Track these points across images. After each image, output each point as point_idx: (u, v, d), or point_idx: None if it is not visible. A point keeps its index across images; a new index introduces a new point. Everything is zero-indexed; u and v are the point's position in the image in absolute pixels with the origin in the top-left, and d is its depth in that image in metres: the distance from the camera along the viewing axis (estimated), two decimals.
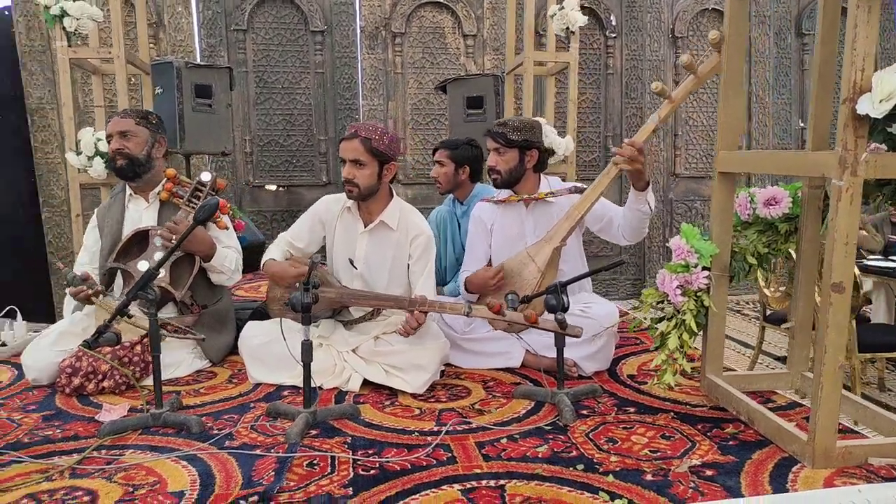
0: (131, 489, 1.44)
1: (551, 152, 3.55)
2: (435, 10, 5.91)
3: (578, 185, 2.45)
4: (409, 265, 2.30)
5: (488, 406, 1.96)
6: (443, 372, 2.26)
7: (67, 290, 2.17)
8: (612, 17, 6.10)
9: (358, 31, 5.75)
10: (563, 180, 3.09)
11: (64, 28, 3.30)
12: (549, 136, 3.50)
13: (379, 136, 2.18)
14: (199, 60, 5.44)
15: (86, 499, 1.40)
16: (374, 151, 2.18)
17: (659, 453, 1.59)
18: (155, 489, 1.44)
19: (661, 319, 1.87)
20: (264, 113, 5.78)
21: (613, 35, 6.14)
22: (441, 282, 3.08)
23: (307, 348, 1.76)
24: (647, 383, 2.11)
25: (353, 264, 2.29)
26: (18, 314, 2.66)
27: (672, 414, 1.86)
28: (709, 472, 1.48)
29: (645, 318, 1.91)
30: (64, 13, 3.24)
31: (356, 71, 5.83)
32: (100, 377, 2.06)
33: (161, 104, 3.96)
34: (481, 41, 5.95)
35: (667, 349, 1.78)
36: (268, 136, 5.82)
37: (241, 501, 1.37)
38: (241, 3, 5.59)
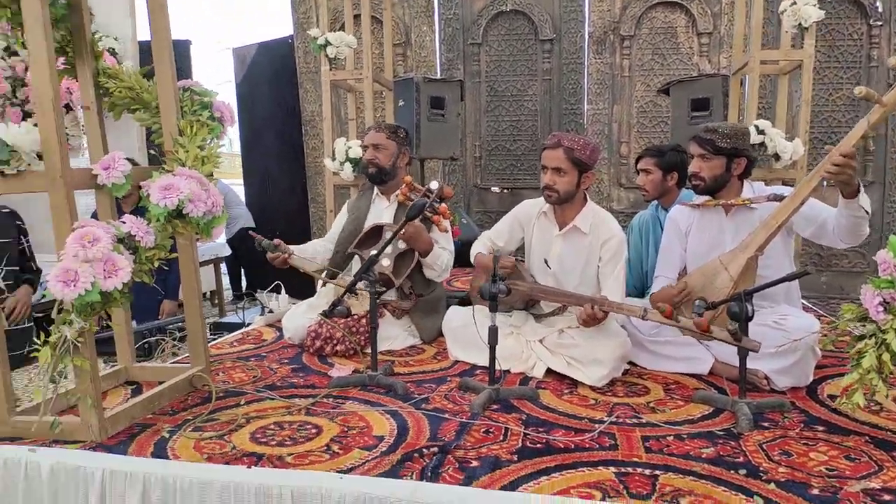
0: (346, 429, 1.81)
1: (776, 157, 3.33)
2: (667, 9, 5.78)
3: (778, 191, 2.33)
4: (598, 267, 2.41)
5: (664, 406, 2.01)
6: (626, 371, 2.34)
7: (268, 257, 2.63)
8: (877, 3, 5.38)
9: (586, 36, 5.86)
10: (789, 186, 2.90)
11: (327, 55, 3.97)
12: (775, 140, 3.29)
13: (581, 147, 2.33)
14: (438, 74, 6.04)
15: (313, 431, 1.79)
16: (575, 161, 2.33)
17: (835, 472, 1.52)
18: (363, 431, 1.79)
19: (861, 338, 1.75)
20: (493, 119, 6.19)
21: (879, 23, 5.40)
22: (642, 287, 3.10)
23: (493, 333, 1.99)
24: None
25: (547, 264, 2.48)
26: (283, 288, 3.32)
27: (867, 438, 1.73)
28: (886, 497, 1.39)
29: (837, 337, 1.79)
30: (327, 42, 3.91)
31: (582, 76, 5.95)
32: (334, 342, 2.53)
33: (402, 115, 4.53)
34: (717, 39, 5.67)
35: (860, 368, 1.67)
36: (496, 142, 6.21)
37: (425, 450, 1.65)
38: (477, 19, 6.05)
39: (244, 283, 6.78)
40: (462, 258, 2.92)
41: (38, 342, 1.63)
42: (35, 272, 3.20)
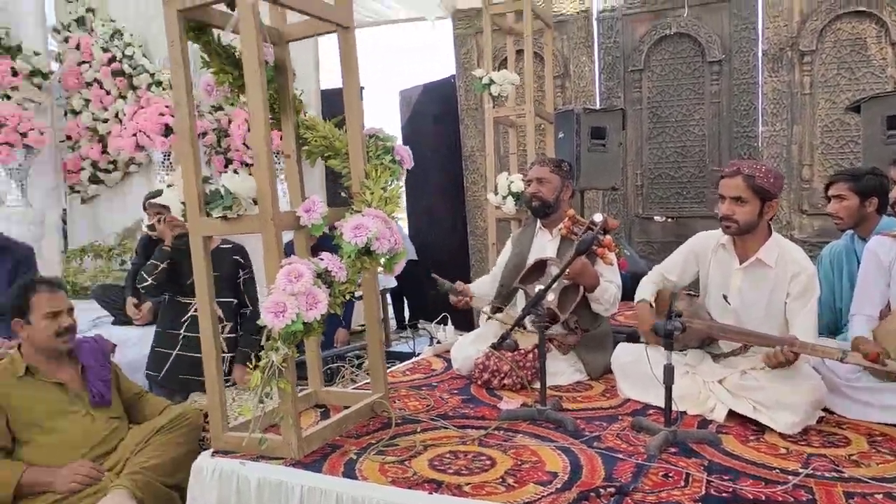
0: (519, 462, 1.83)
1: None
2: (854, 19, 5.29)
3: None
4: (786, 303, 2.24)
5: (868, 459, 1.81)
6: (821, 418, 2.13)
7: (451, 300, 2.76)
8: None
9: (759, 55, 5.53)
10: None
11: (490, 93, 4.11)
12: None
13: (763, 174, 2.20)
14: (598, 104, 6.00)
15: (488, 462, 1.84)
16: (757, 189, 2.20)
17: None
18: (536, 466, 1.80)
19: None
20: (656, 147, 6.00)
21: None
22: (836, 326, 2.83)
23: (669, 372, 1.92)
24: None
25: (726, 300, 2.34)
26: (449, 319, 3.45)
27: None
28: None
29: None
30: (491, 81, 4.05)
31: (755, 97, 5.60)
32: (501, 375, 2.58)
33: (562, 147, 4.55)
34: None
35: None
36: (658, 169, 6.01)
37: (601, 490, 1.62)
38: (639, 45, 5.95)
39: (407, 314, 7.10)
40: (629, 292, 2.85)
41: (250, 366, 1.85)
42: (249, 308, 3.33)
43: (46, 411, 2.29)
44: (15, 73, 5.26)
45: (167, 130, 4.90)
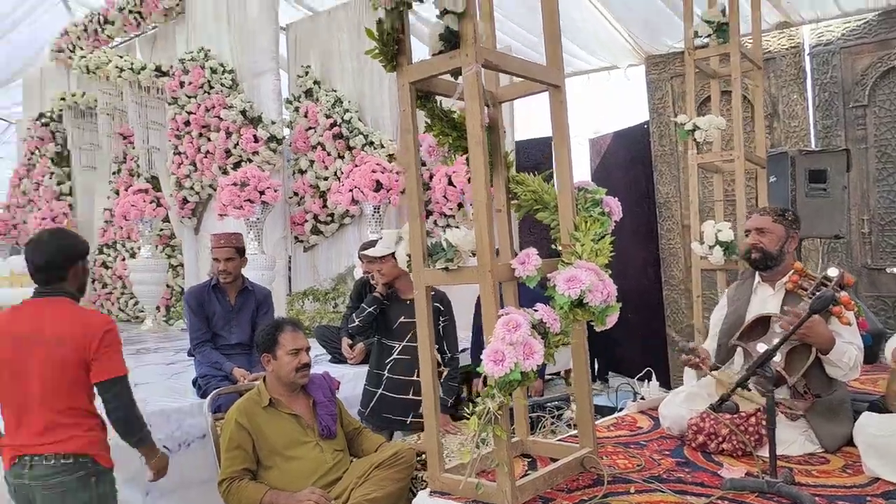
0: None
1: None
2: None
3: None
4: None
5: None
6: None
7: (680, 359, 2.62)
8: None
9: None
10: None
11: (695, 139, 3.96)
12: None
13: None
14: (812, 144, 5.49)
15: None
16: None
17: None
18: None
19: None
20: (886, 189, 5.33)
21: None
22: None
23: None
24: None
25: None
26: (653, 374, 3.31)
27: None
28: None
29: None
30: (696, 127, 3.90)
31: None
32: (719, 439, 2.40)
33: (775, 192, 4.21)
34: None
35: None
36: (890, 215, 5.32)
37: None
38: (861, 79, 5.39)
39: (596, 365, 6.91)
40: (870, 355, 2.53)
41: (467, 412, 1.92)
42: (448, 355, 3.40)
43: (286, 440, 2.57)
44: (256, 140, 6.13)
45: (378, 186, 5.37)
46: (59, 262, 2.19)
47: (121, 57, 7.11)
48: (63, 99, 8.45)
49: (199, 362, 3.60)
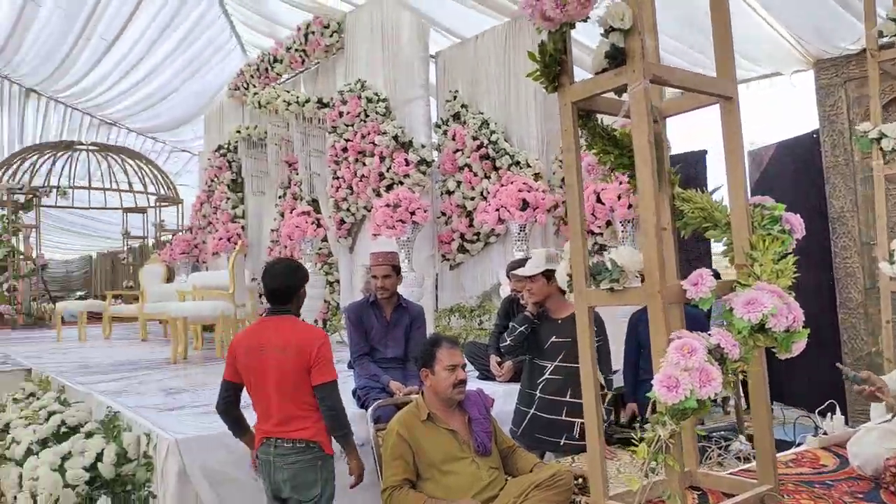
0: None
1: None
2: None
3: None
4: None
5: None
6: None
7: (855, 389, 2.35)
8: None
9: None
10: None
11: (881, 148, 3.58)
12: None
13: None
14: None
15: None
16: None
17: None
18: None
19: None
20: None
21: None
22: None
23: None
24: None
25: None
26: (837, 408, 3.00)
27: None
28: None
29: None
30: (882, 135, 3.53)
31: None
32: None
33: None
34: None
35: None
36: None
37: None
38: None
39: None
40: None
41: (634, 438, 1.86)
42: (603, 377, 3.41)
43: (443, 454, 2.63)
44: (407, 163, 6.41)
45: (524, 205, 5.40)
46: (288, 289, 2.67)
47: (288, 91, 7.78)
48: (238, 132, 9.38)
49: (359, 374, 3.79)
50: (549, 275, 3.18)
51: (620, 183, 3.05)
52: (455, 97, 6.69)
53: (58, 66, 11.63)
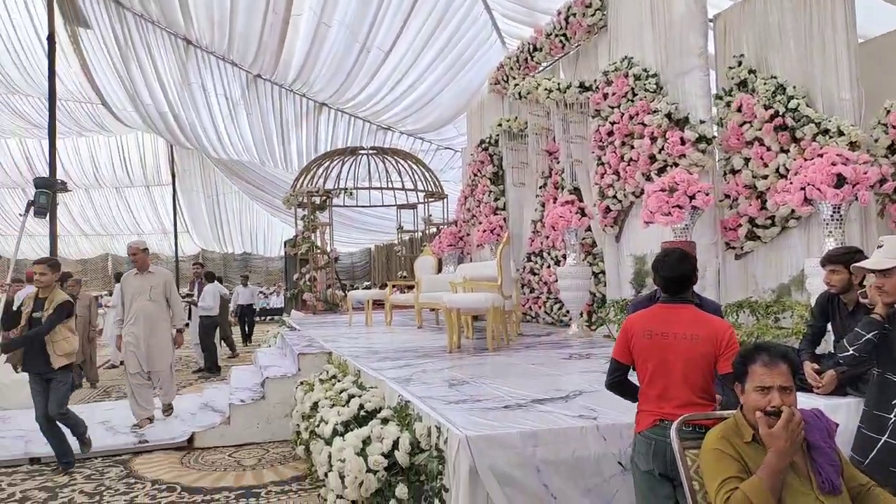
0: None
1: None
2: None
3: None
4: None
5: None
6: None
7: None
8: None
9: None
10: None
11: None
12: None
13: None
14: None
15: None
16: None
17: None
18: None
19: None
20: None
21: None
22: None
23: None
24: None
25: None
26: None
27: None
28: None
29: None
30: None
31: None
32: None
33: None
34: None
35: None
36: None
37: None
38: None
39: None
40: None
41: None
42: None
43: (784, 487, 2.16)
44: (683, 142, 5.80)
45: (839, 181, 4.47)
46: (685, 278, 2.72)
47: (548, 79, 7.62)
48: (499, 125, 9.52)
49: None
50: None
51: None
52: (740, 63, 5.85)
53: (343, 80, 13.08)
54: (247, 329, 14.76)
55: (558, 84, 7.47)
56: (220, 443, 5.72)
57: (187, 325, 8.16)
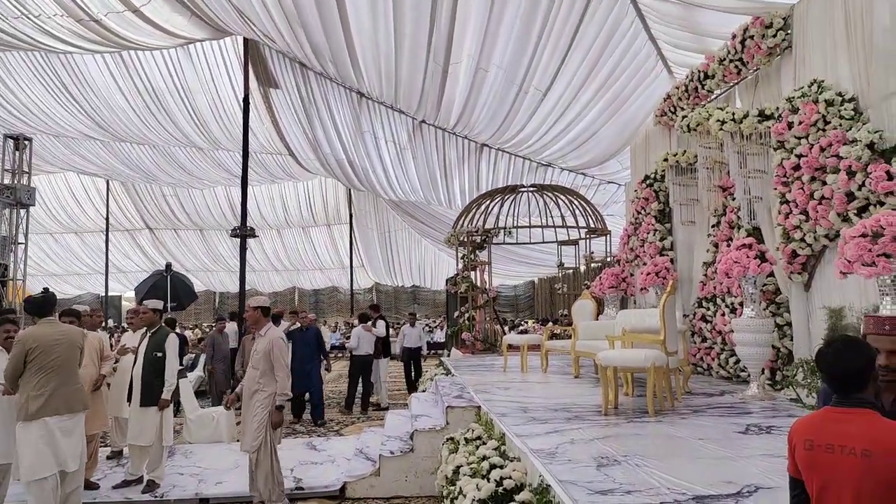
0: None
1: None
2: None
3: None
4: None
5: None
6: None
7: None
8: None
9: None
10: None
11: None
12: None
13: None
14: None
15: None
16: None
17: None
18: None
19: None
20: None
21: None
22: None
23: None
24: None
25: None
26: None
27: None
28: None
29: None
30: None
31: None
32: None
33: None
34: None
35: None
36: None
37: None
38: None
39: None
40: None
41: None
42: None
43: None
44: (890, 177, 4.89)
45: None
46: (859, 372, 2.10)
47: (721, 109, 6.90)
48: (665, 159, 8.84)
49: None
50: None
51: None
52: None
53: (502, 121, 13.10)
54: (413, 373, 12.40)
55: (733, 114, 6.72)
56: (370, 494, 5.72)
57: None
